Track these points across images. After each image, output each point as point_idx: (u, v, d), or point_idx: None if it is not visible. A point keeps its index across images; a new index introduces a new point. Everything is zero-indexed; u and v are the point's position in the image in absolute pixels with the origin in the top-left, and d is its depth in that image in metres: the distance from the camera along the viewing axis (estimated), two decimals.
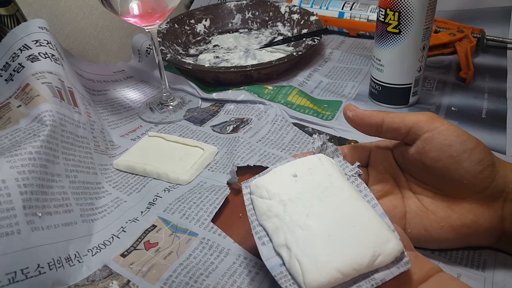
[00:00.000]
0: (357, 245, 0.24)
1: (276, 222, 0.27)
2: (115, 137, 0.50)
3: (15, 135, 0.37)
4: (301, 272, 0.24)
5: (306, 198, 0.27)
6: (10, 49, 0.43)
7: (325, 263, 0.24)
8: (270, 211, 0.27)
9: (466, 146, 0.28)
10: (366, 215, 0.26)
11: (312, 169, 0.29)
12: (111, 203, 0.40)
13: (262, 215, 0.28)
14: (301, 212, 0.27)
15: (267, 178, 0.29)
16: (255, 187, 0.29)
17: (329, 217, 0.26)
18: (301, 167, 0.30)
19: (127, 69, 0.64)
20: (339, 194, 0.27)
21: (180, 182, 0.42)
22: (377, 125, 0.31)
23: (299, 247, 0.25)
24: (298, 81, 0.58)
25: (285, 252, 0.25)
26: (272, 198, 0.28)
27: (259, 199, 0.29)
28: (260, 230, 0.28)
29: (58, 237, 0.33)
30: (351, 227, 0.25)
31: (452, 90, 0.53)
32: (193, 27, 0.71)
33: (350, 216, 0.26)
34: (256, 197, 0.29)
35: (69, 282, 0.32)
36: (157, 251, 0.35)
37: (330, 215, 0.26)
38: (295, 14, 0.70)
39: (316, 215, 0.26)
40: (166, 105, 0.54)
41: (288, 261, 0.25)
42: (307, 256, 0.24)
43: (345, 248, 0.24)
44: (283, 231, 0.26)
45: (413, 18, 0.43)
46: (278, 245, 0.26)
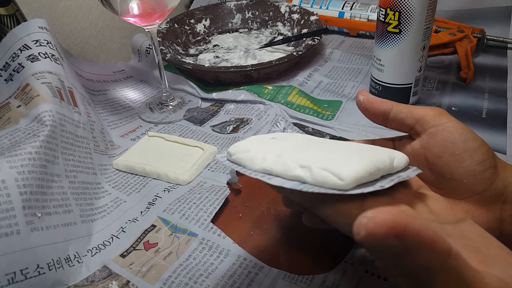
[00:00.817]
0: (371, 154, 0.25)
1: (276, 159, 0.25)
2: (115, 137, 0.50)
3: (15, 135, 0.37)
4: (332, 173, 0.23)
5: (297, 148, 0.27)
6: (10, 49, 0.43)
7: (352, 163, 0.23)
8: (264, 155, 0.26)
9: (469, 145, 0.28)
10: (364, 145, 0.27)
11: (286, 134, 0.30)
12: (111, 203, 0.40)
13: (256, 161, 0.26)
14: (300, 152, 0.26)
15: (246, 142, 0.28)
16: (235, 148, 0.28)
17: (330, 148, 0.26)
18: (276, 134, 0.30)
19: (127, 69, 0.64)
20: (327, 142, 0.28)
21: (180, 182, 0.42)
22: (384, 112, 0.31)
23: (318, 161, 0.24)
24: (298, 81, 0.57)
25: (301, 171, 0.24)
26: (260, 151, 0.26)
27: (244, 153, 0.27)
28: (257, 173, 0.26)
29: (58, 238, 0.33)
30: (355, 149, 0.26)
31: (452, 90, 0.53)
32: (193, 27, 0.71)
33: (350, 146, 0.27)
34: (240, 153, 0.27)
35: (69, 283, 0.32)
36: (157, 251, 0.34)
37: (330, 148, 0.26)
38: (295, 14, 0.70)
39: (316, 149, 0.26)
40: (166, 105, 0.54)
41: (310, 174, 0.23)
42: (329, 164, 0.23)
43: (361, 158, 0.24)
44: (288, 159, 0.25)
45: (414, 18, 0.43)
46: (290, 170, 0.24)
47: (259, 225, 0.37)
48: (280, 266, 0.33)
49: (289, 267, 0.32)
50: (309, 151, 0.26)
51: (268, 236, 0.35)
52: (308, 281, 0.31)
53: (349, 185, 0.22)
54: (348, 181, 0.22)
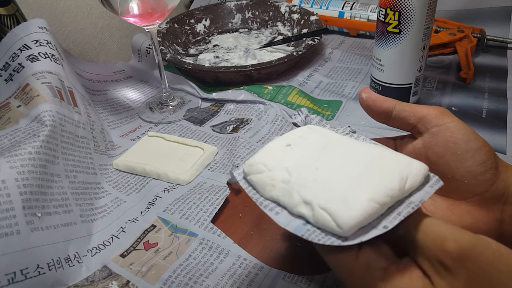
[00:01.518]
0: (381, 174, 0.23)
1: (284, 186, 0.24)
2: (115, 137, 0.50)
3: (15, 135, 0.37)
4: (331, 217, 0.21)
5: (309, 157, 0.25)
6: (10, 49, 0.43)
7: (355, 197, 0.21)
8: (273, 179, 0.25)
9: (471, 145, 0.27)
10: (377, 151, 0.25)
11: (303, 136, 0.28)
12: (111, 203, 0.40)
13: (266, 187, 0.25)
14: (309, 168, 0.24)
15: (260, 155, 0.27)
16: (249, 167, 0.26)
17: (340, 164, 0.24)
18: (292, 137, 0.28)
19: (127, 69, 0.64)
20: (341, 146, 0.26)
21: (180, 182, 0.42)
22: (387, 111, 0.30)
23: (320, 197, 0.22)
24: (298, 81, 0.57)
25: (304, 209, 0.23)
26: (272, 169, 0.25)
27: (257, 175, 0.26)
28: (268, 203, 0.25)
29: (58, 238, 0.33)
30: (367, 164, 0.24)
31: (452, 90, 0.53)
32: (193, 27, 0.71)
33: (362, 156, 0.25)
34: (254, 174, 0.26)
35: (69, 283, 0.32)
36: (157, 251, 0.34)
37: (340, 162, 0.24)
38: (295, 14, 0.70)
39: (326, 165, 0.24)
40: (166, 105, 0.54)
41: (312, 214, 0.22)
42: (331, 200, 0.22)
43: (370, 180, 0.22)
44: (295, 190, 0.24)
45: (414, 18, 0.43)
46: (294, 206, 0.23)
47: (259, 225, 0.37)
48: (280, 266, 0.33)
49: (289, 268, 0.32)
50: (318, 171, 0.24)
51: (268, 236, 0.35)
52: (308, 281, 0.31)
53: (347, 232, 0.21)
54: (346, 229, 0.21)
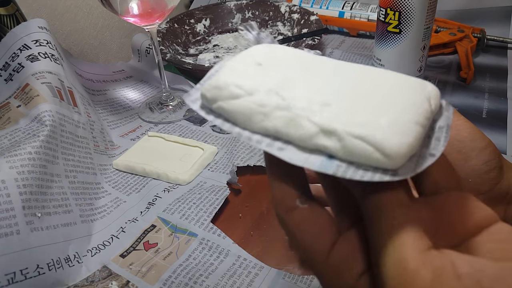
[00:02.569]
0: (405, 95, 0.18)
1: (284, 114, 0.18)
2: (114, 137, 0.50)
3: (15, 135, 0.37)
4: (373, 146, 0.16)
5: (296, 80, 0.20)
6: (9, 49, 0.43)
7: (394, 121, 0.17)
8: (263, 106, 0.19)
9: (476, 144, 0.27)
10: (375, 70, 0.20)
11: (270, 53, 0.21)
12: (111, 203, 0.40)
13: (254, 116, 0.19)
14: (306, 92, 0.19)
15: (226, 75, 0.20)
16: (215, 90, 0.20)
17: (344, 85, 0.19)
18: (257, 55, 0.21)
19: (126, 69, 0.64)
20: (324, 64, 0.21)
21: (180, 182, 0.42)
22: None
23: (345, 122, 0.17)
24: None
25: (326, 140, 0.17)
26: (253, 92, 0.19)
27: (233, 102, 0.19)
28: (259, 138, 0.19)
29: (58, 238, 0.33)
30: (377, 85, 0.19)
31: (452, 89, 0.53)
32: (193, 26, 0.71)
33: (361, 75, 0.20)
34: (226, 100, 0.19)
35: (69, 283, 0.32)
36: (157, 251, 0.34)
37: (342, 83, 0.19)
38: (295, 13, 0.70)
39: (327, 87, 0.19)
40: (166, 105, 0.54)
41: (341, 146, 0.17)
42: (364, 126, 0.17)
43: (396, 101, 0.18)
44: (303, 118, 0.18)
45: (414, 18, 0.43)
46: (309, 137, 0.18)
47: (259, 225, 0.37)
48: (280, 266, 0.33)
49: (289, 268, 0.32)
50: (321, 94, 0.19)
51: (268, 236, 0.35)
52: (308, 281, 0.31)
53: (398, 163, 0.16)
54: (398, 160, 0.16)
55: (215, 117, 0.20)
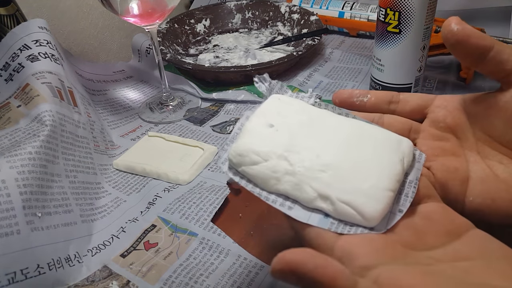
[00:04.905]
0: (383, 158, 0.24)
1: (291, 179, 0.24)
2: (115, 137, 0.50)
3: (15, 135, 0.37)
4: (356, 210, 0.22)
5: (301, 141, 0.25)
6: (10, 49, 0.43)
7: (372, 188, 0.22)
8: (276, 172, 0.24)
9: None
10: (365, 128, 0.26)
11: (280, 112, 0.27)
12: (111, 203, 0.40)
13: (269, 181, 0.24)
14: (309, 156, 0.24)
15: (245, 141, 0.25)
16: (239, 158, 0.25)
17: (337, 147, 0.24)
18: (269, 115, 0.26)
19: (127, 69, 0.64)
20: (325, 123, 0.26)
21: (180, 182, 0.42)
22: (485, 49, 0.25)
23: (336, 189, 0.23)
24: (298, 81, 0.57)
25: (323, 203, 0.23)
26: (268, 158, 0.24)
27: (253, 167, 0.24)
28: (275, 198, 0.24)
29: (58, 237, 0.33)
30: (363, 145, 0.24)
31: (452, 90, 0.53)
32: (193, 27, 0.71)
33: (353, 136, 0.25)
34: (248, 166, 0.24)
35: (69, 283, 0.32)
36: (157, 251, 0.34)
37: (336, 144, 0.25)
38: (295, 14, 0.70)
39: (325, 151, 0.24)
40: (166, 105, 0.54)
41: (333, 209, 0.23)
42: (350, 193, 0.22)
43: (376, 166, 0.23)
44: (305, 183, 0.23)
45: (414, 18, 0.43)
46: (310, 201, 0.23)
47: (259, 225, 0.37)
48: None
49: None
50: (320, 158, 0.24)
51: (268, 236, 0.35)
52: None
53: (374, 224, 0.22)
54: (373, 221, 0.22)
55: (241, 177, 0.25)
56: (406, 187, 0.24)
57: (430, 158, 0.28)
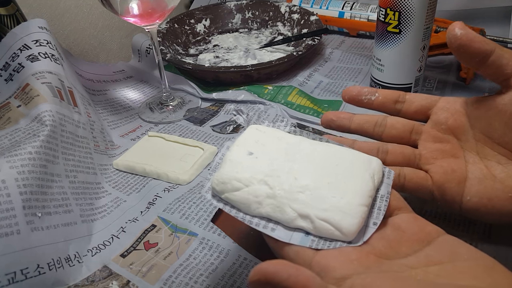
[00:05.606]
0: (356, 177, 0.26)
1: (272, 202, 0.25)
2: (115, 137, 0.50)
3: (15, 135, 0.37)
4: (334, 227, 0.24)
5: (280, 166, 0.27)
6: (10, 49, 0.43)
7: (347, 205, 0.25)
8: (257, 196, 0.26)
9: None
10: (337, 151, 0.28)
11: (259, 141, 0.29)
12: (111, 203, 0.40)
13: (251, 205, 0.26)
14: (288, 179, 0.26)
15: (226, 169, 0.27)
16: (221, 185, 0.26)
17: (313, 169, 0.27)
18: (248, 144, 0.28)
19: (127, 69, 0.64)
20: (300, 149, 0.28)
21: (180, 182, 0.42)
22: (486, 53, 0.26)
23: (314, 208, 0.25)
24: (298, 81, 0.57)
25: (303, 222, 0.25)
26: (249, 184, 0.26)
27: (235, 194, 0.26)
28: (258, 221, 0.26)
29: (58, 237, 0.33)
30: (336, 166, 0.27)
31: (452, 90, 0.53)
32: (193, 27, 0.71)
33: (327, 159, 0.28)
34: (230, 192, 0.26)
35: (69, 283, 0.32)
36: (157, 251, 0.34)
37: (312, 167, 0.27)
38: (295, 14, 0.70)
39: (302, 174, 0.26)
40: (166, 105, 0.54)
41: (313, 227, 0.24)
42: (327, 210, 0.24)
43: (349, 184, 0.26)
44: (285, 205, 0.25)
45: (413, 18, 0.43)
46: (291, 220, 0.25)
47: None
48: None
49: None
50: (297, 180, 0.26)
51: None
52: None
53: (351, 238, 0.24)
54: (350, 236, 0.24)
55: (224, 204, 0.27)
56: (378, 201, 0.26)
57: (429, 161, 0.30)
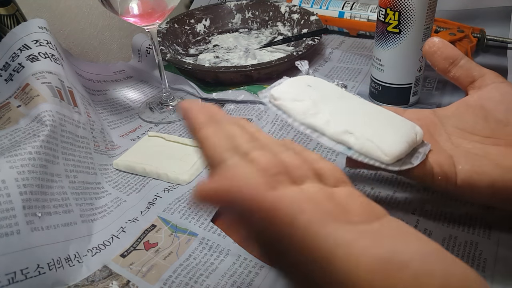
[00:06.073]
0: (401, 125, 0.29)
1: (322, 117, 0.29)
2: (115, 137, 0.50)
3: (15, 135, 0.37)
4: (377, 146, 0.27)
5: (334, 99, 0.31)
6: (10, 49, 0.43)
7: (392, 137, 0.28)
8: (309, 110, 0.29)
9: None
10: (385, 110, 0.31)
11: (317, 81, 0.33)
12: (111, 203, 0.40)
13: (304, 114, 0.29)
14: (341, 107, 0.30)
15: (287, 86, 0.31)
16: (281, 93, 0.30)
17: (365, 110, 0.30)
18: (307, 80, 0.32)
19: (127, 69, 0.64)
20: (354, 99, 0.32)
21: (180, 182, 0.42)
22: (456, 58, 0.33)
23: (363, 130, 0.28)
24: None
25: (349, 137, 0.28)
26: (303, 100, 0.30)
27: (294, 102, 0.30)
28: (304, 128, 0.29)
29: (58, 237, 0.33)
30: (386, 117, 0.30)
31: (452, 90, 0.53)
32: (193, 27, 0.71)
33: (379, 111, 0.31)
34: (289, 101, 0.30)
35: (69, 283, 0.32)
36: (157, 251, 0.34)
37: (364, 110, 0.30)
38: (295, 14, 0.70)
39: (353, 110, 0.30)
40: (166, 105, 0.54)
41: (358, 142, 0.28)
42: (375, 135, 0.28)
43: (397, 129, 0.29)
44: (337, 122, 0.28)
45: (414, 18, 0.43)
46: (339, 134, 0.28)
47: None
48: None
49: None
50: (349, 111, 0.30)
51: None
52: None
53: (391, 160, 0.27)
54: (391, 157, 0.27)
55: (277, 109, 0.31)
56: (416, 154, 0.29)
57: None
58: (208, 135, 0.22)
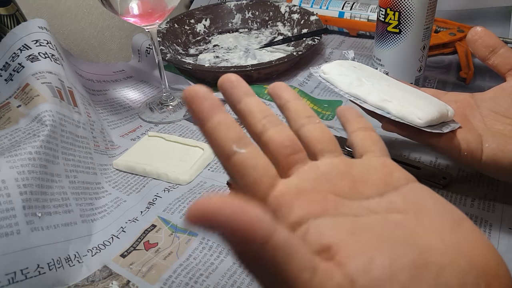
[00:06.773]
0: (434, 102, 0.33)
1: (364, 89, 0.34)
2: (115, 137, 0.50)
3: (15, 135, 0.37)
4: (412, 112, 0.31)
5: (376, 79, 0.35)
6: (10, 49, 0.43)
7: (426, 107, 0.32)
8: (353, 82, 0.34)
9: None
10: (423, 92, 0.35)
11: (361, 65, 0.38)
12: (111, 203, 0.40)
13: (349, 85, 0.34)
14: (381, 84, 0.34)
15: (335, 64, 0.37)
16: (331, 68, 0.36)
17: (402, 89, 0.34)
18: (353, 63, 0.38)
19: (127, 69, 0.64)
20: (394, 81, 0.36)
21: (180, 182, 0.42)
22: (496, 46, 0.35)
23: (401, 99, 0.32)
24: (298, 81, 0.57)
25: (389, 104, 0.32)
26: (348, 75, 0.35)
27: (342, 76, 0.35)
28: (348, 96, 0.34)
29: (58, 237, 0.33)
30: (423, 95, 0.34)
31: (452, 90, 0.53)
32: (193, 27, 0.71)
33: (415, 90, 0.35)
34: (334, 75, 0.35)
35: (69, 283, 0.32)
36: (157, 251, 0.34)
37: (403, 88, 0.35)
38: (295, 14, 0.70)
39: (394, 86, 0.34)
40: (166, 105, 0.54)
41: (395, 108, 0.32)
42: (411, 104, 0.32)
43: (431, 102, 0.33)
44: (379, 91, 0.33)
45: (413, 18, 0.43)
46: (380, 100, 0.33)
47: None
48: None
49: None
50: (389, 87, 0.34)
51: None
52: None
53: (424, 124, 0.31)
54: (424, 121, 0.31)
55: (326, 81, 0.36)
56: (446, 126, 0.32)
57: None
58: (214, 127, 0.21)
